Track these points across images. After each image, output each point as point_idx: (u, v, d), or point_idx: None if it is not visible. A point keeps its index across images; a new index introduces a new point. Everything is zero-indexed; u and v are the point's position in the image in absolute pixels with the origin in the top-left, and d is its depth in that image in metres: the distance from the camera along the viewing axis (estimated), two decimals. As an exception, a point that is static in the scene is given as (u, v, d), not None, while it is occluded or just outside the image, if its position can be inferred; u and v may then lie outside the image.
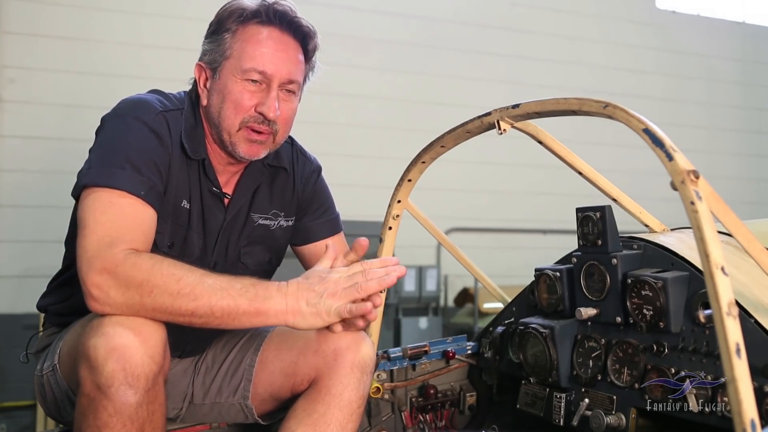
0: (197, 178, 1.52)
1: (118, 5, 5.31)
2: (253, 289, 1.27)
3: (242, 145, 1.48)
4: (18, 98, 5.04)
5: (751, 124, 7.72)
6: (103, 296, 1.24)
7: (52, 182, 5.03)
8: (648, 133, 1.17)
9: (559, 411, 1.67)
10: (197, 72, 1.53)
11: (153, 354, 1.22)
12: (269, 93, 1.47)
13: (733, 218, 1.18)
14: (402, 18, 6.24)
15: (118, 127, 1.41)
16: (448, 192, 5.82)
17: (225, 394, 1.61)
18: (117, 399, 1.19)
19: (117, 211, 1.31)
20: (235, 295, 1.25)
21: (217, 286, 1.25)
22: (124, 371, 1.19)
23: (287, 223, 1.69)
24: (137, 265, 1.24)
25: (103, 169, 1.34)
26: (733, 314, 0.99)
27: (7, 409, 4.77)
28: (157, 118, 1.44)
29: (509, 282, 3.76)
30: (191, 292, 1.24)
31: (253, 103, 1.46)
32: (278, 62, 1.46)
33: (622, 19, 7.13)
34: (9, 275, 4.93)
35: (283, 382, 1.54)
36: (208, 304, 1.24)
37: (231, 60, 1.46)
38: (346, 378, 1.47)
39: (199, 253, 1.55)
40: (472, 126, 1.60)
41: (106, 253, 1.25)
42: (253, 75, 1.45)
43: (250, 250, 1.63)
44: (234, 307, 1.25)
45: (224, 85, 1.46)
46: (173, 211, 1.49)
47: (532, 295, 1.83)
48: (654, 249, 1.60)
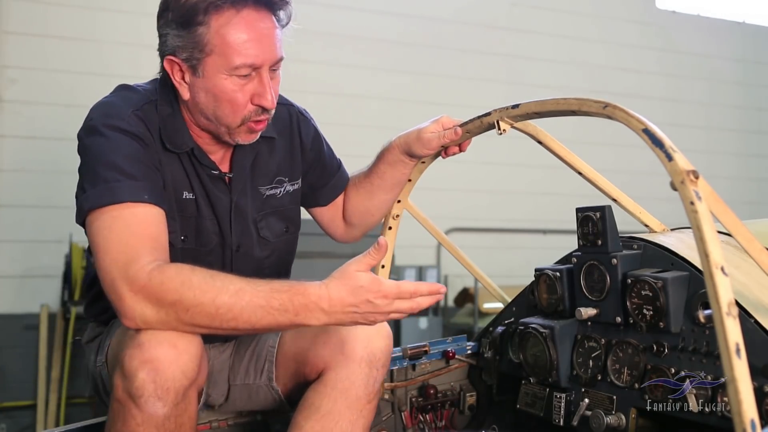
0: (191, 166, 1.49)
1: (119, 5, 5.30)
2: (292, 306, 1.21)
3: (242, 135, 1.45)
4: (19, 98, 5.03)
5: (751, 124, 7.71)
6: (137, 317, 1.22)
7: (52, 182, 5.03)
8: (648, 133, 1.17)
9: (559, 411, 1.67)
10: (168, 66, 1.41)
11: (186, 369, 1.22)
12: (262, 82, 1.39)
13: (732, 218, 1.18)
14: (402, 18, 6.23)
15: (97, 142, 1.35)
16: (448, 192, 5.82)
17: (252, 376, 1.60)
18: (146, 410, 1.20)
19: (123, 225, 1.28)
20: (277, 315, 1.21)
21: (255, 303, 1.21)
22: (155, 383, 1.19)
23: (293, 187, 1.66)
24: (164, 285, 1.20)
25: (99, 188, 1.30)
26: (733, 314, 0.99)
27: (7, 409, 4.76)
28: (131, 119, 1.38)
29: (509, 282, 3.76)
30: (229, 312, 1.20)
31: (248, 97, 1.39)
32: (264, 48, 1.37)
33: (622, 19, 7.13)
34: (9, 275, 4.92)
35: (297, 369, 1.52)
36: (248, 323, 1.21)
37: (213, 57, 1.35)
38: (353, 373, 1.44)
39: (218, 239, 1.53)
40: (471, 126, 1.60)
41: (127, 275, 1.22)
42: (244, 71, 1.36)
43: (266, 224, 1.61)
44: (275, 325, 1.23)
45: (213, 84, 1.37)
46: (177, 205, 1.47)
47: (532, 295, 1.83)
48: (654, 249, 1.60)
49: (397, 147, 1.68)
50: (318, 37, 5.69)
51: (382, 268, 1.86)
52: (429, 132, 1.62)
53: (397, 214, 1.86)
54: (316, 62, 5.72)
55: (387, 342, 1.49)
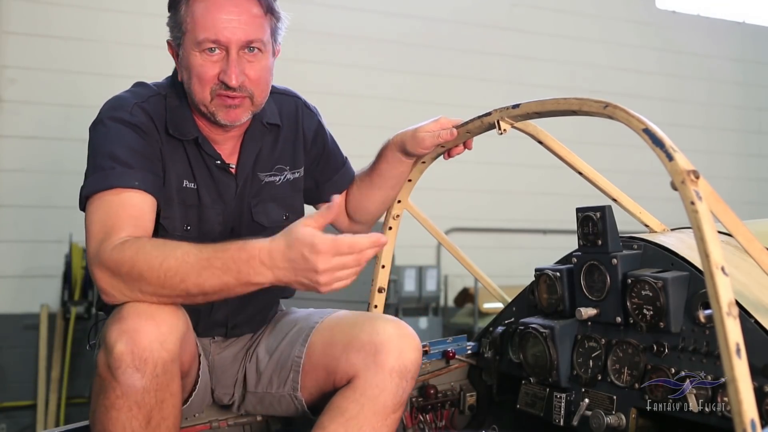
0: (197, 155, 1.53)
1: (118, 5, 5.30)
2: (234, 263, 1.19)
3: (220, 113, 1.47)
4: (18, 98, 5.03)
5: (751, 124, 7.71)
6: (108, 289, 1.28)
7: (52, 182, 5.03)
8: (648, 133, 1.17)
9: (559, 411, 1.67)
10: (170, 50, 1.53)
11: (164, 340, 1.23)
12: (228, 60, 1.42)
13: (733, 218, 1.18)
14: (402, 18, 6.23)
15: (99, 133, 1.45)
16: (448, 192, 5.81)
17: (275, 385, 1.60)
18: (124, 381, 1.21)
19: (107, 208, 1.35)
20: (220, 274, 1.20)
21: (199, 264, 1.20)
22: (132, 354, 1.20)
23: (294, 175, 1.68)
24: (122, 253, 1.25)
25: (96, 176, 1.39)
26: (733, 314, 0.99)
27: (7, 409, 4.76)
28: (134, 110, 1.46)
29: (509, 282, 3.75)
30: (176, 275, 1.21)
31: (215, 72, 1.43)
32: (231, 27, 1.41)
33: (623, 19, 7.12)
34: (9, 275, 4.92)
35: (327, 378, 1.52)
36: (196, 283, 1.21)
37: (188, 34, 1.43)
38: (383, 382, 1.43)
39: (220, 228, 1.56)
40: (472, 126, 1.60)
41: (98, 252, 1.29)
42: (208, 45, 1.41)
43: (261, 209, 1.62)
44: (223, 284, 1.21)
45: (187, 60, 1.45)
46: (178, 194, 1.50)
47: (532, 295, 1.83)
48: (654, 249, 1.60)
49: (394, 145, 1.69)
50: (318, 37, 5.69)
51: (382, 268, 1.86)
52: (424, 131, 1.62)
53: (397, 214, 1.86)
54: (317, 62, 5.72)
55: (417, 355, 1.48)
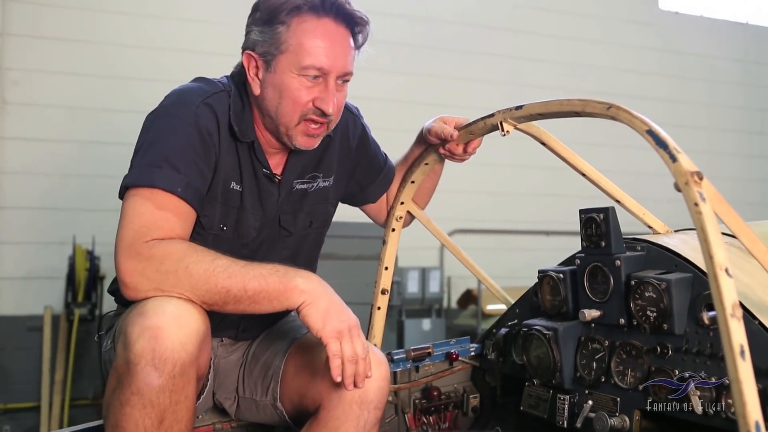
0: (248, 159, 1.53)
1: (120, 7, 5.32)
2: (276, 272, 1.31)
3: (299, 138, 1.49)
4: (20, 100, 5.05)
5: (754, 125, 7.71)
6: (135, 281, 1.28)
7: (55, 184, 5.04)
8: (652, 135, 1.17)
9: (562, 413, 1.67)
10: (246, 60, 1.50)
11: (186, 342, 1.23)
12: (327, 87, 1.46)
13: (736, 219, 1.18)
14: (404, 19, 6.24)
15: (158, 125, 1.43)
16: (451, 193, 5.79)
17: (259, 393, 1.61)
18: (141, 378, 1.20)
19: (152, 206, 1.35)
20: (266, 275, 1.30)
21: (249, 267, 1.31)
22: (153, 351, 1.20)
23: (325, 183, 1.69)
24: (172, 246, 1.30)
25: (142, 169, 1.38)
26: (737, 316, 0.98)
27: (11, 411, 4.77)
28: (199, 109, 1.44)
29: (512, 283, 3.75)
30: (225, 272, 1.28)
31: (311, 98, 1.46)
32: (335, 57, 1.45)
33: (625, 20, 7.13)
34: (12, 277, 4.94)
35: (301, 398, 1.53)
36: (241, 283, 1.28)
37: (287, 55, 1.44)
38: (344, 413, 1.42)
39: (254, 233, 1.57)
40: (475, 127, 1.60)
41: (141, 241, 1.30)
42: (312, 72, 1.44)
43: (291, 217, 1.63)
44: (265, 285, 1.29)
45: (281, 80, 1.45)
46: (223, 194, 1.50)
47: (536, 297, 1.82)
48: (657, 250, 1.59)
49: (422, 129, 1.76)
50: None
51: (385, 270, 1.86)
52: (438, 122, 1.69)
53: (400, 215, 1.86)
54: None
55: (382, 384, 1.45)
